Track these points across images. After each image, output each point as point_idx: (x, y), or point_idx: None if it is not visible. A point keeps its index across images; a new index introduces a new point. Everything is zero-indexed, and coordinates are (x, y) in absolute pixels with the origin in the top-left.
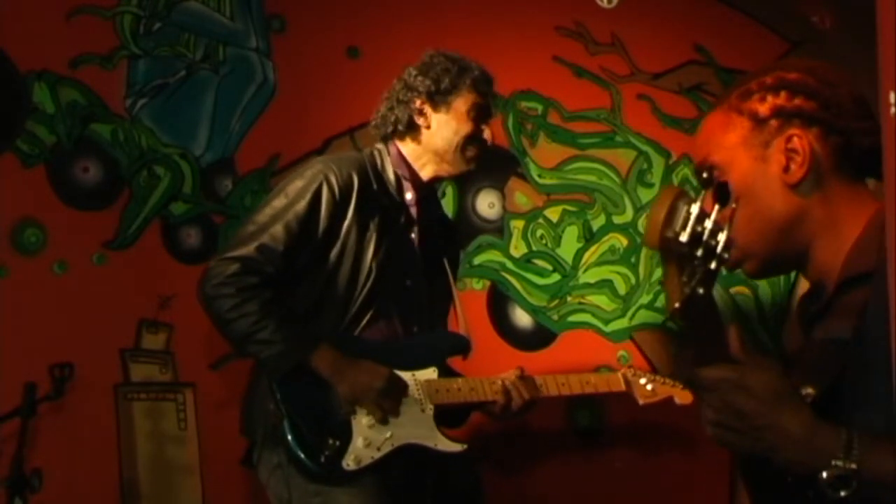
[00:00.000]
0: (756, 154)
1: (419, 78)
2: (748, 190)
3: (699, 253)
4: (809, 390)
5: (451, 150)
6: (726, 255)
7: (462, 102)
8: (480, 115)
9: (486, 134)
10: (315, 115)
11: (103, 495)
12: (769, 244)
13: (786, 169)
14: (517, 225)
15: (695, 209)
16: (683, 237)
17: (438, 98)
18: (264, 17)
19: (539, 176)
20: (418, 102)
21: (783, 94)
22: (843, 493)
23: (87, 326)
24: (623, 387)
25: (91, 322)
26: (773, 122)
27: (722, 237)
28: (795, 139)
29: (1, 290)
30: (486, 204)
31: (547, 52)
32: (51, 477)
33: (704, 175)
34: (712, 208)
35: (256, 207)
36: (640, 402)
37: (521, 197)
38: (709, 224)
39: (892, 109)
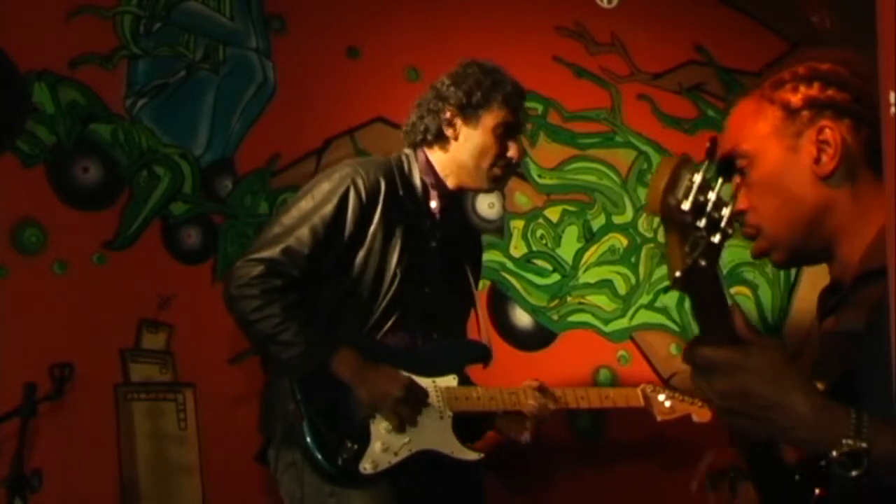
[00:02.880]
0: (787, 144)
1: (451, 88)
2: (778, 180)
3: (702, 224)
4: (820, 384)
5: (474, 164)
6: (730, 231)
7: (491, 118)
8: (508, 132)
9: (512, 151)
10: (315, 115)
11: (103, 495)
12: (797, 235)
13: (817, 160)
14: (517, 225)
15: (697, 178)
16: (685, 205)
17: (469, 111)
18: (264, 17)
19: (539, 176)
20: (448, 113)
21: (816, 84)
22: (854, 473)
23: (87, 326)
24: (642, 402)
25: (91, 322)
26: (805, 113)
27: (726, 211)
28: (827, 130)
29: (1, 290)
30: (486, 204)
31: (547, 52)
32: (51, 477)
33: (709, 146)
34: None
35: (283, 208)
36: (658, 418)
37: (521, 197)
38: (712, 196)
39: (892, 109)
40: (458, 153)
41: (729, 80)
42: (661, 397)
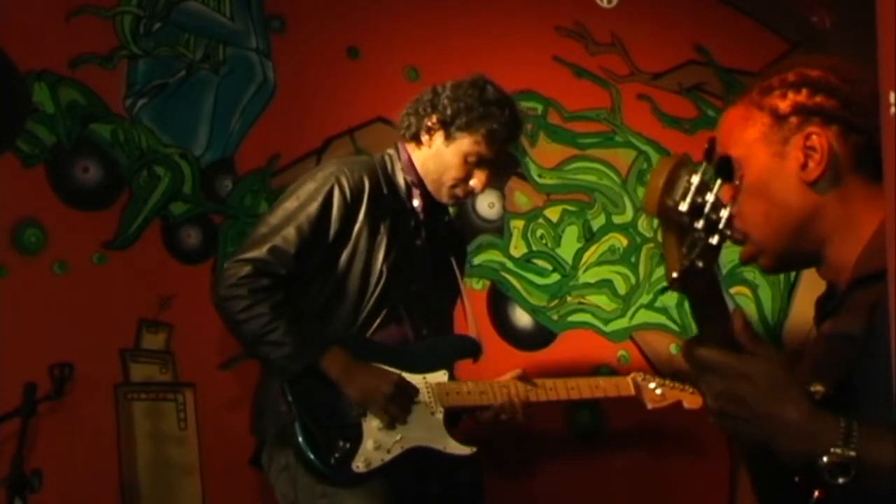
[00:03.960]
0: (775, 150)
1: (445, 101)
2: (765, 186)
3: (700, 225)
4: (819, 387)
5: (437, 176)
6: (728, 232)
7: (467, 144)
8: (479, 162)
9: (476, 181)
10: (315, 115)
11: (103, 495)
12: (784, 240)
13: (804, 166)
14: (517, 225)
15: (695, 179)
16: (683, 206)
17: (450, 128)
18: (264, 17)
19: (539, 176)
20: (430, 122)
21: (804, 91)
22: (841, 480)
23: (87, 326)
24: (632, 391)
25: (91, 322)
26: (793, 119)
27: (725, 213)
28: (814, 137)
29: (1, 290)
30: (486, 204)
31: (547, 52)
32: (51, 477)
33: (707, 147)
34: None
35: (269, 209)
36: (649, 406)
37: (521, 197)
38: (711, 197)
39: (893, 109)
40: (426, 159)
41: (729, 80)
42: (652, 385)
